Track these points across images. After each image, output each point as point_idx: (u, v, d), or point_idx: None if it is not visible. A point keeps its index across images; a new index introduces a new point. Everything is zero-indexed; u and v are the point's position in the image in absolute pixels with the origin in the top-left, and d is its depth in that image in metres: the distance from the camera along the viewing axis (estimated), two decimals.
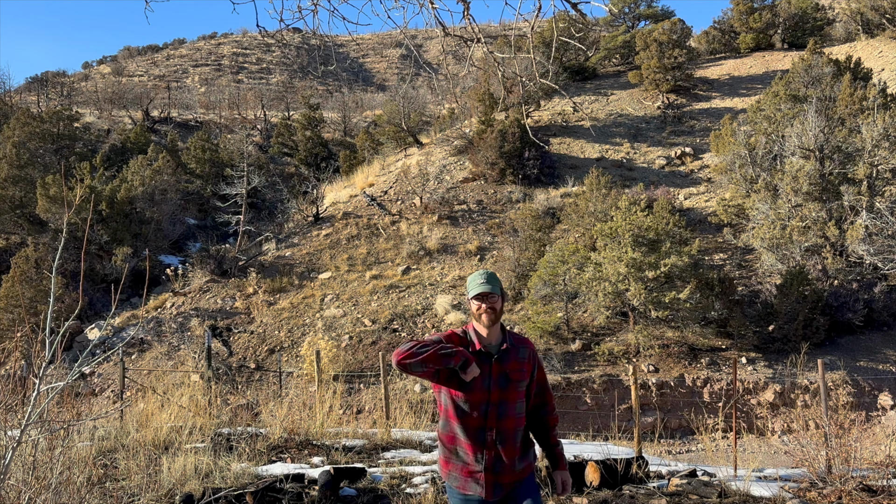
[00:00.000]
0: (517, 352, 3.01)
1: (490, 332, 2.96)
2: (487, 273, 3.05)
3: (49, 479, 3.44)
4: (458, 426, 2.93)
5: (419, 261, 20.75)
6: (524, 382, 2.98)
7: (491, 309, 2.95)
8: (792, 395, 14.50)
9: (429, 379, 2.94)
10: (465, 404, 2.92)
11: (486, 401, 2.91)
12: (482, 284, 2.96)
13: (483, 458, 2.91)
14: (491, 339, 2.98)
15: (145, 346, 17.91)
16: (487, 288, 2.95)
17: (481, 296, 2.95)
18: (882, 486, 5.57)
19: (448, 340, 2.98)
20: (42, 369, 2.76)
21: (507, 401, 2.94)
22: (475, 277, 3.03)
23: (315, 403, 7.43)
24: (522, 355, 3.01)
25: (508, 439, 2.94)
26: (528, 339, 3.14)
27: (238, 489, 4.87)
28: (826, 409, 7.29)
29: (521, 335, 3.14)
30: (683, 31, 30.07)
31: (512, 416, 2.95)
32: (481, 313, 2.95)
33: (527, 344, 3.09)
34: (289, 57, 67.21)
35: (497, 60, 3.38)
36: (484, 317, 2.94)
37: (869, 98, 18.88)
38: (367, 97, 51.78)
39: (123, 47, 74.30)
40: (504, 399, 2.93)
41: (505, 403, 2.93)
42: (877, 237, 16.22)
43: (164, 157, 25.60)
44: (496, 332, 2.99)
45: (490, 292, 2.95)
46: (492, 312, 2.95)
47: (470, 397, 2.90)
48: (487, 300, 2.95)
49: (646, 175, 24.63)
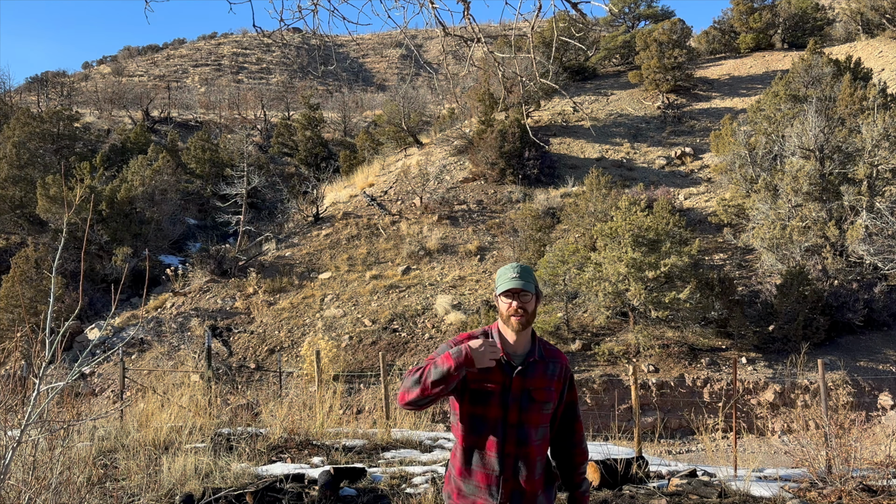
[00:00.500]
0: (546, 367, 2.52)
1: (518, 337, 2.50)
2: (521, 267, 2.55)
3: (49, 479, 3.44)
4: (470, 451, 2.48)
5: (419, 261, 20.75)
6: (550, 405, 2.51)
7: (522, 310, 2.47)
8: (792, 395, 14.50)
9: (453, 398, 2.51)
10: (478, 422, 2.47)
11: (502, 420, 2.45)
12: (514, 279, 2.49)
13: (499, 492, 2.45)
14: (517, 346, 2.51)
15: (145, 346, 17.91)
16: (520, 284, 2.47)
17: (512, 293, 2.48)
18: (882, 486, 5.57)
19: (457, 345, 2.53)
20: (42, 369, 2.76)
21: (527, 424, 2.47)
22: (506, 271, 2.55)
23: (315, 403, 7.43)
24: (552, 371, 2.53)
25: (530, 470, 2.47)
26: (562, 353, 2.61)
27: (238, 489, 4.87)
28: (826, 409, 7.29)
29: (555, 347, 2.63)
30: (683, 31, 30.07)
31: (533, 442, 2.48)
32: (510, 315, 2.48)
33: (559, 358, 2.58)
34: (289, 57, 67.21)
35: (497, 60, 3.38)
36: (513, 320, 2.47)
37: (869, 98, 18.88)
38: (367, 97, 51.78)
39: (123, 47, 74.31)
40: (524, 421, 2.46)
41: (525, 427, 2.47)
42: (877, 237, 16.22)
43: (164, 157, 25.60)
44: (525, 338, 2.52)
45: (523, 289, 2.47)
46: (523, 315, 2.47)
47: (485, 412, 2.45)
48: (519, 299, 2.48)
49: (646, 175, 24.63)
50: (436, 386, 2.31)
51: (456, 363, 2.31)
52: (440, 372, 2.32)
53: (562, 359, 2.59)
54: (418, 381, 2.34)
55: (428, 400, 2.35)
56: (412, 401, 2.36)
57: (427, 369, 2.35)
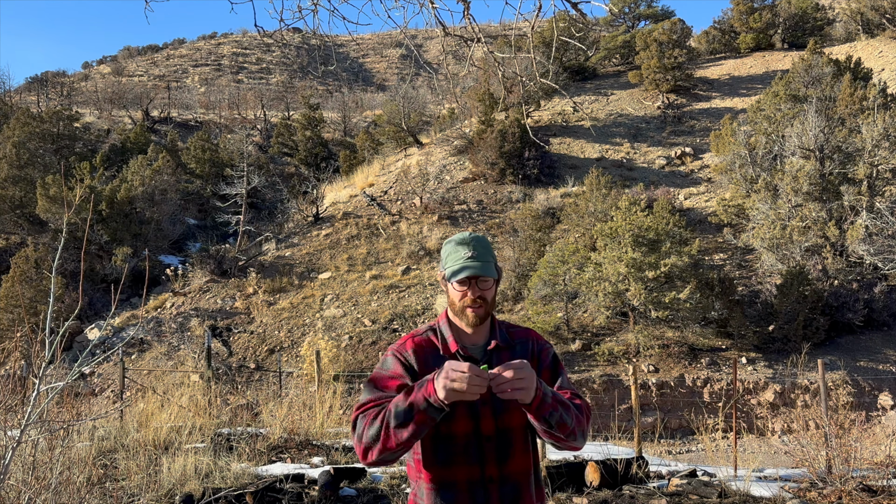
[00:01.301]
0: (512, 351, 2.00)
1: (474, 329, 1.99)
2: (476, 239, 1.98)
3: (49, 480, 3.43)
4: (439, 490, 1.89)
5: (419, 261, 20.75)
6: None
7: (481, 300, 1.93)
8: (792, 395, 14.50)
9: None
10: (443, 446, 1.89)
11: (474, 434, 1.90)
12: (470, 261, 1.92)
13: None
14: (475, 336, 2.00)
15: (145, 346, 17.91)
16: (478, 268, 1.91)
17: (466, 281, 1.93)
18: (882, 486, 5.57)
19: (395, 371, 1.93)
20: (42, 369, 2.76)
21: (509, 431, 1.92)
22: (458, 248, 1.96)
23: (315, 403, 7.42)
24: (523, 353, 2.01)
25: (522, 493, 1.93)
26: (531, 331, 2.10)
27: (238, 489, 4.87)
28: (826, 409, 7.29)
29: (521, 326, 2.11)
30: (683, 31, 30.07)
31: (520, 453, 1.94)
32: (465, 306, 1.93)
33: (529, 336, 2.06)
34: (289, 57, 67.19)
35: (497, 60, 3.38)
36: (469, 313, 1.93)
37: (869, 98, 18.88)
38: (367, 97, 51.77)
39: (123, 47, 74.32)
40: (506, 428, 1.92)
41: (507, 435, 1.92)
42: (877, 237, 16.22)
43: (163, 157, 25.59)
44: (484, 328, 2.02)
45: (482, 275, 1.92)
46: (481, 306, 1.93)
47: (450, 429, 1.88)
48: (478, 286, 1.93)
49: (646, 175, 24.63)
50: (408, 438, 1.77)
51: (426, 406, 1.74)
52: (408, 420, 1.75)
53: (532, 337, 2.08)
54: (379, 435, 1.79)
55: (401, 452, 1.82)
56: (381, 459, 1.81)
57: (386, 413, 1.80)
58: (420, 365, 1.97)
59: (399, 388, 1.91)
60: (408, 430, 1.76)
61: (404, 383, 1.92)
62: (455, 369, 1.71)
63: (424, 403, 1.76)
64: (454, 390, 1.70)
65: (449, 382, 1.71)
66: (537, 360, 2.04)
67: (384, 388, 1.93)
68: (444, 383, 1.71)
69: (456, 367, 1.72)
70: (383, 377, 1.95)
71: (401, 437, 1.77)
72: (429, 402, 1.75)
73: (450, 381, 1.71)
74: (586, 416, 1.99)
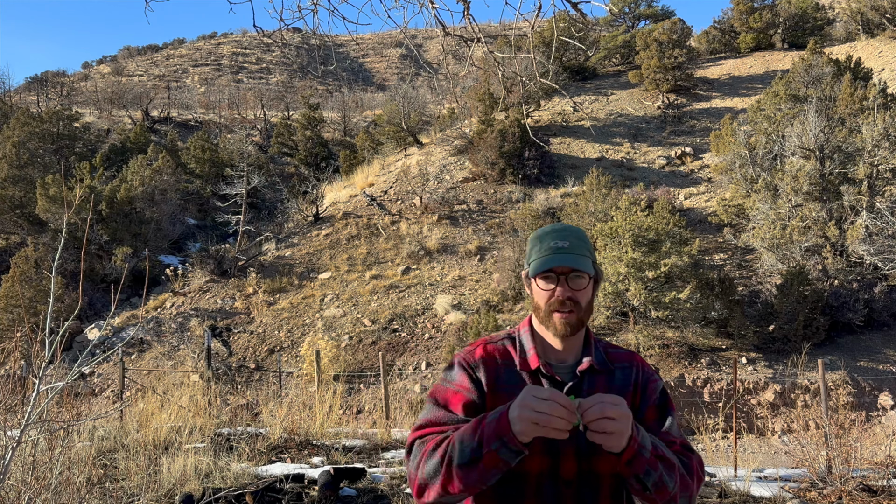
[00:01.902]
0: (611, 377, 1.61)
1: (563, 342, 1.61)
2: (567, 228, 1.63)
3: (49, 480, 3.43)
4: None
5: (419, 261, 20.74)
6: None
7: (572, 303, 1.55)
8: (792, 395, 14.50)
9: None
10: (510, 486, 1.52)
11: (549, 476, 1.52)
12: (559, 252, 1.55)
13: None
14: (564, 352, 1.61)
15: (145, 347, 17.91)
16: (568, 260, 1.54)
17: (556, 274, 1.56)
18: (882, 486, 5.57)
19: (460, 384, 1.58)
20: (42, 369, 2.76)
21: (596, 476, 1.53)
22: (546, 237, 1.61)
23: (315, 403, 7.42)
24: (623, 382, 1.62)
25: None
26: (635, 354, 1.70)
27: (238, 489, 4.87)
28: (826, 410, 7.30)
29: (619, 346, 1.72)
30: (683, 30, 30.08)
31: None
32: (552, 310, 1.56)
33: (633, 361, 1.67)
34: (288, 57, 67.18)
35: (497, 60, 3.37)
36: (557, 318, 1.55)
37: (869, 98, 18.89)
38: (367, 97, 51.79)
39: (123, 47, 74.35)
40: (592, 473, 1.52)
41: (593, 482, 1.53)
42: (877, 237, 16.22)
43: (163, 156, 25.59)
44: (576, 341, 1.62)
45: (574, 268, 1.55)
46: (572, 311, 1.55)
47: (521, 466, 1.47)
48: (567, 284, 1.55)
49: (646, 175, 24.62)
50: (475, 483, 1.42)
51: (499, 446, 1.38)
52: (475, 461, 1.40)
53: (636, 361, 1.67)
54: (438, 472, 1.43)
55: (466, 496, 1.48)
56: (440, 503, 1.46)
57: (449, 447, 1.44)
58: (489, 380, 1.58)
59: (465, 406, 1.56)
60: (475, 473, 1.40)
61: (471, 401, 1.56)
62: (536, 396, 1.35)
63: (497, 442, 1.37)
64: (534, 425, 1.33)
65: (528, 414, 1.33)
66: (641, 394, 1.61)
67: (447, 406, 1.57)
68: (520, 414, 1.34)
69: (537, 393, 1.35)
70: (446, 392, 1.60)
71: (467, 480, 1.41)
72: (503, 442, 1.37)
73: (529, 413, 1.33)
74: (697, 478, 1.54)
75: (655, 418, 1.60)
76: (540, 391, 1.36)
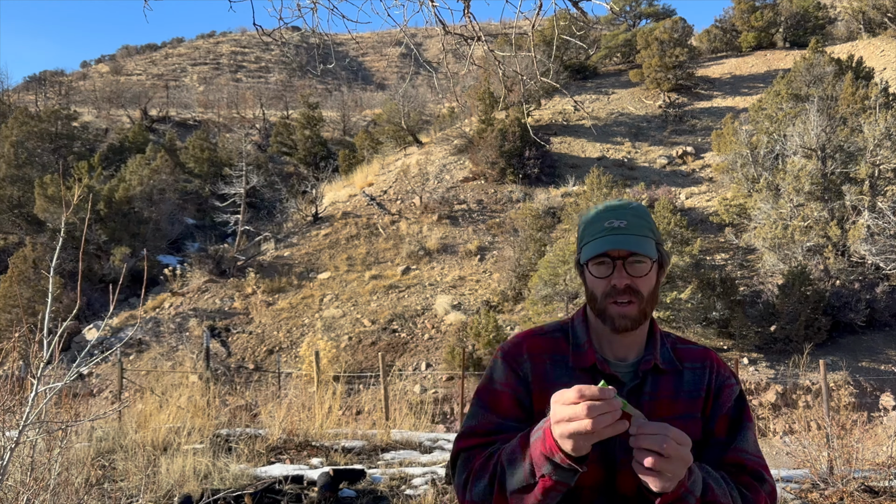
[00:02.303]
0: (680, 378, 1.41)
1: (623, 338, 1.40)
2: (625, 205, 1.41)
3: (47, 481, 3.41)
4: None
5: (419, 261, 20.71)
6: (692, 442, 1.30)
7: (631, 292, 1.34)
8: (794, 396, 14.47)
9: None
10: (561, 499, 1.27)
11: (605, 492, 1.34)
12: (613, 233, 1.36)
13: None
14: (624, 350, 1.41)
15: (143, 347, 17.88)
16: (624, 242, 1.34)
17: (611, 258, 1.36)
18: (884, 486, 5.54)
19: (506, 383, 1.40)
20: (40, 370, 2.72)
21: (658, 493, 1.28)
22: (598, 217, 1.42)
23: (314, 404, 7.39)
24: (694, 384, 1.41)
25: None
26: (709, 351, 1.48)
27: (237, 490, 4.84)
28: (828, 410, 7.27)
29: (691, 342, 1.50)
30: (685, 29, 30.06)
31: None
32: (609, 301, 1.35)
33: (707, 360, 1.45)
34: (288, 56, 67.15)
35: (497, 59, 3.34)
36: (614, 310, 1.35)
37: (871, 97, 18.87)
38: (367, 96, 51.78)
39: (122, 46, 74.34)
40: None
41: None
42: (879, 237, 16.20)
43: (162, 156, 25.56)
44: (639, 338, 1.42)
45: (634, 252, 1.34)
46: (632, 302, 1.34)
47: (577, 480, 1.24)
48: (624, 271, 1.34)
49: (647, 174, 24.60)
50: None
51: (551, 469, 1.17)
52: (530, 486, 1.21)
53: (710, 359, 1.46)
54: (490, 495, 1.27)
55: None
56: None
57: (498, 467, 1.27)
58: (537, 378, 1.39)
59: (513, 407, 1.38)
60: (531, 499, 1.21)
61: (519, 401, 1.37)
62: (563, 403, 1.12)
63: (547, 465, 1.17)
64: (578, 434, 1.10)
65: (566, 426, 1.11)
66: (713, 400, 1.41)
67: (494, 409, 1.39)
68: (561, 430, 1.12)
69: (561, 400, 1.13)
70: (492, 392, 1.41)
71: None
72: (554, 464, 1.16)
73: (566, 424, 1.11)
74: None
75: (727, 431, 1.41)
76: (564, 395, 1.13)
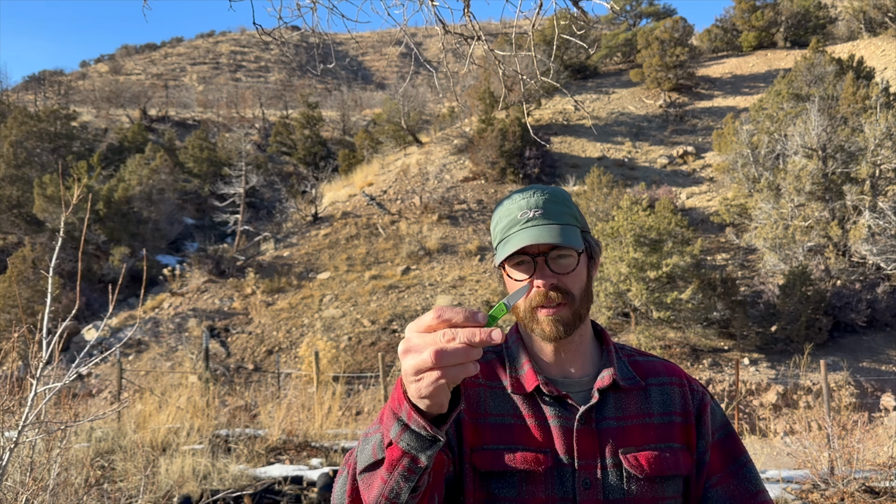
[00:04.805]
0: (646, 397, 1.18)
1: (562, 349, 1.18)
2: (539, 191, 1.18)
3: (47, 481, 3.39)
4: None
5: (419, 261, 20.69)
6: (676, 479, 1.12)
7: (557, 292, 1.13)
8: (794, 396, 14.46)
9: None
10: None
11: None
12: (529, 224, 1.13)
13: None
14: (569, 363, 1.19)
15: (143, 347, 17.86)
16: (542, 234, 1.11)
17: (527, 257, 1.14)
18: (885, 487, 5.53)
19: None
20: (39, 370, 2.70)
21: None
22: (510, 207, 1.18)
23: (314, 405, 7.37)
24: (663, 404, 1.18)
25: None
26: (673, 365, 1.26)
27: (236, 491, 4.82)
28: (829, 410, 7.25)
29: (648, 353, 1.28)
30: (685, 29, 30.04)
31: None
32: (535, 306, 1.13)
33: (673, 376, 1.22)
34: (287, 55, 67.12)
35: (498, 58, 3.32)
36: (542, 317, 1.13)
37: (872, 97, 18.85)
38: (367, 96, 51.76)
39: (121, 46, 74.41)
40: None
41: None
42: (880, 237, 16.18)
43: (161, 156, 25.54)
44: (581, 347, 1.20)
45: (557, 245, 1.11)
46: (562, 304, 1.13)
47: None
48: (547, 268, 1.13)
49: (647, 174, 24.58)
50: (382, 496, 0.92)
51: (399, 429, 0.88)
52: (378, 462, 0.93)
53: (676, 375, 1.22)
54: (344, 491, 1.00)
55: None
56: None
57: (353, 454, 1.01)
58: (471, 408, 1.15)
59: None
60: (377, 483, 0.92)
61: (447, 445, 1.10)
62: (416, 328, 0.83)
63: (396, 426, 0.88)
64: (421, 372, 0.81)
65: (409, 360, 0.81)
66: (696, 425, 1.16)
67: None
68: (405, 367, 0.81)
69: (417, 323, 0.83)
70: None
71: (368, 496, 0.93)
72: (402, 423, 0.87)
73: (410, 357, 0.81)
74: None
75: (719, 462, 1.15)
76: (420, 321, 0.83)
